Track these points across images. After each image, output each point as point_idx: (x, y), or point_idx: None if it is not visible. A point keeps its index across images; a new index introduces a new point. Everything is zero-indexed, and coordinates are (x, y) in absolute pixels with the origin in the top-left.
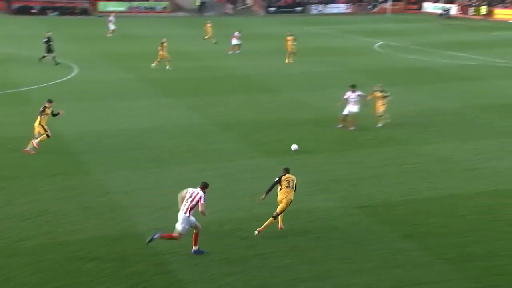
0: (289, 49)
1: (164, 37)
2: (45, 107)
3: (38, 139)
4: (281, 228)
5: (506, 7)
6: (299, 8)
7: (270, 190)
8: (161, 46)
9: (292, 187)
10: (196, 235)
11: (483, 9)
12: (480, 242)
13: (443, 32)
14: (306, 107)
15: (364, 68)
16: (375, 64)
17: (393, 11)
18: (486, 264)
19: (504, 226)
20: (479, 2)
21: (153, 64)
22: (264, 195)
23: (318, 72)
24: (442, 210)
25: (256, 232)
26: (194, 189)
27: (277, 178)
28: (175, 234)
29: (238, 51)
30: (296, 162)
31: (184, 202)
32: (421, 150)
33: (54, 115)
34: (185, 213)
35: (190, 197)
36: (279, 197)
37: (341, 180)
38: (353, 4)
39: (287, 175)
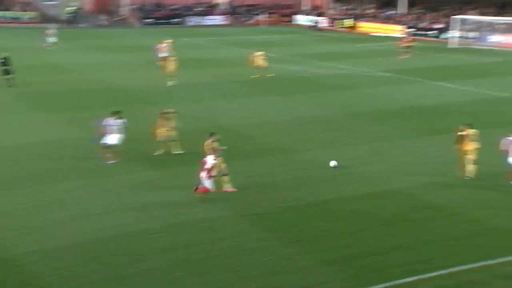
0: (261, 64)
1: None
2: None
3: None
4: None
5: (368, 21)
6: (175, 20)
7: None
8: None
9: None
10: None
11: (347, 22)
12: (359, 242)
13: (314, 44)
14: (185, 118)
15: (240, 79)
16: (252, 74)
17: (267, 23)
18: (364, 262)
19: (380, 226)
20: (346, 16)
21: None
22: None
23: (193, 84)
24: (324, 214)
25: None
26: None
27: None
28: None
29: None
30: (178, 174)
31: None
32: (301, 157)
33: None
34: None
35: None
36: None
37: None
38: (229, 16)
39: None
